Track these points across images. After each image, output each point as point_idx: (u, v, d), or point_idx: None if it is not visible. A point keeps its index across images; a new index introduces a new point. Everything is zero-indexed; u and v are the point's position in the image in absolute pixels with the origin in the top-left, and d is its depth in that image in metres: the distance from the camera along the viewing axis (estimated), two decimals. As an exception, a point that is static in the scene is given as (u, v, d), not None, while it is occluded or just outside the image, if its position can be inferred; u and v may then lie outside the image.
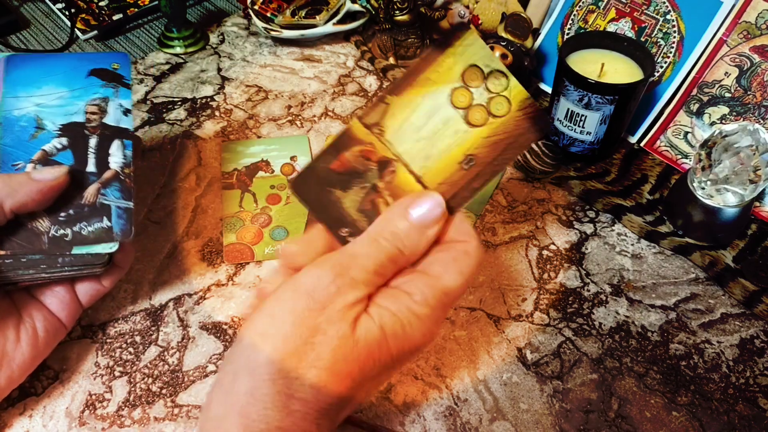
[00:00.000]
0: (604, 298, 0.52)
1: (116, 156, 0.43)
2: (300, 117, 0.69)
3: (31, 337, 0.42)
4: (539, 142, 0.61)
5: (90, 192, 0.41)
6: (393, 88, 0.33)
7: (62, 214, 0.40)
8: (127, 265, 0.47)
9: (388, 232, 0.32)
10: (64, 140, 0.43)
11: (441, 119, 0.33)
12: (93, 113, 0.44)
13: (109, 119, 0.44)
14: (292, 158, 0.64)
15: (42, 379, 0.46)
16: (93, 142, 0.43)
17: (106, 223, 0.41)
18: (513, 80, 0.33)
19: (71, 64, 0.46)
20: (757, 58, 0.57)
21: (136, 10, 0.83)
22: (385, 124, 0.33)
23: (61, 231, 0.40)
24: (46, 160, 0.42)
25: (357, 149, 0.33)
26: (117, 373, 0.47)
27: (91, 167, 0.42)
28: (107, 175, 0.42)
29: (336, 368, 0.30)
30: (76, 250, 0.40)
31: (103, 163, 0.43)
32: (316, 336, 0.30)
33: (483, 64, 0.33)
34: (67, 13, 0.81)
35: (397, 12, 0.71)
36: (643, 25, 0.63)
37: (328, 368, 0.30)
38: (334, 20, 0.77)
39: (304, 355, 0.30)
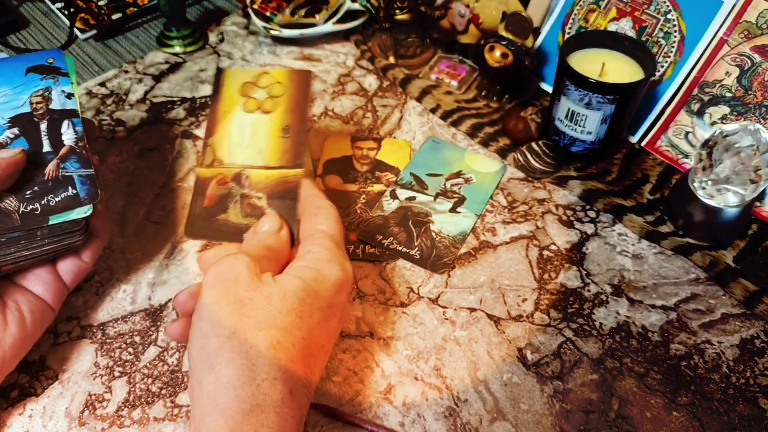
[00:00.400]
0: (604, 299, 0.52)
1: (68, 134, 0.45)
2: (300, 116, 0.69)
3: (18, 320, 0.42)
4: (540, 142, 0.61)
5: (50, 168, 0.44)
6: (207, 134, 0.46)
7: (27, 192, 0.43)
8: (105, 236, 0.48)
9: (254, 242, 0.42)
10: (15, 130, 0.45)
11: (249, 125, 0.46)
12: (38, 103, 0.47)
13: (55, 105, 0.47)
14: None
15: (42, 380, 0.46)
16: (43, 126, 0.45)
17: (71, 191, 0.43)
18: (272, 70, 0.47)
19: (8, 66, 0.49)
20: (757, 57, 0.57)
21: (136, 9, 0.83)
22: (218, 156, 0.46)
23: (30, 206, 0.42)
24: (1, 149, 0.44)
25: (213, 183, 0.45)
26: (117, 374, 0.47)
27: (46, 148, 0.45)
28: (63, 150, 0.45)
29: (278, 323, 0.35)
30: (53, 220, 0.42)
31: (57, 141, 0.45)
32: (245, 307, 0.35)
33: (248, 78, 0.47)
34: (66, 12, 0.80)
35: (397, 11, 0.70)
36: (644, 24, 0.63)
37: (272, 326, 0.35)
38: (334, 19, 0.77)
39: (245, 326, 0.35)
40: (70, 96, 0.47)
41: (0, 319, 0.41)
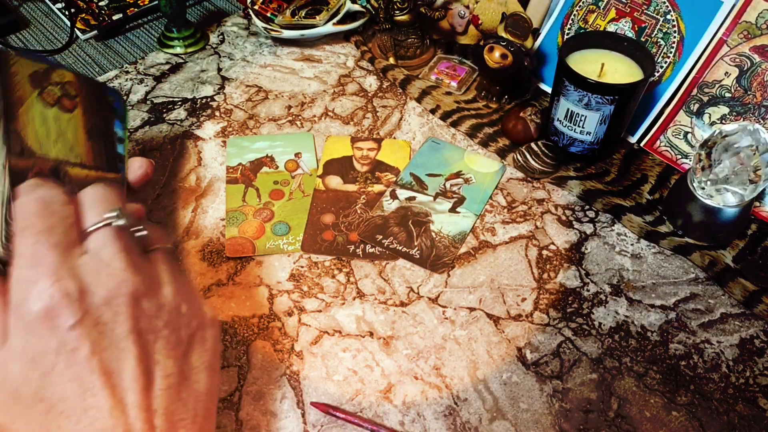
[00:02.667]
0: (603, 298, 0.52)
1: None
2: (300, 117, 0.69)
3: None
4: (539, 143, 0.61)
5: None
6: (9, 118, 0.38)
7: None
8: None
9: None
10: None
11: (52, 120, 0.39)
12: None
13: None
14: (296, 155, 0.64)
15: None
16: None
17: None
18: (61, 70, 0.40)
19: None
20: (757, 58, 0.57)
21: (136, 10, 0.83)
22: (28, 145, 0.38)
23: None
24: None
25: (32, 179, 0.35)
26: (117, 373, 0.47)
27: None
28: None
29: None
30: None
31: None
32: None
33: (36, 68, 0.40)
34: (66, 13, 0.81)
35: (397, 12, 0.71)
36: (643, 25, 0.63)
37: None
38: (334, 20, 0.77)
39: None
40: (120, 141, 0.46)
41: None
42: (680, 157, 0.62)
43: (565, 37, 0.69)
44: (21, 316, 0.28)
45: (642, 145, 0.64)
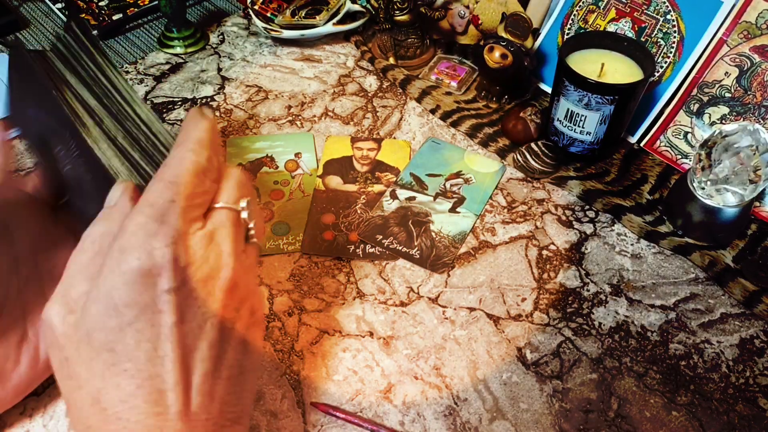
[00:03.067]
0: (603, 298, 0.52)
1: None
2: (300, 117, 0.69)
3: (32, 359, 0.40)
4: (539, 143, 0.61)
5: None
6: None
7: None
8: None
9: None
10: None
11: None
12: None
13: None
14: (296, 155, 0.64)
15: (42, 379, 0.46)
16: None
17: None
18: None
19: None
20: (757, 58, 0.57)
21: (136, 10, 0.83)
22: None
23: None
24: None
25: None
26: (117, 373, 0.47)
27: None
28: None
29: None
30: None
31: None
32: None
33: None
34: (66, 13, 0.81)
35: (397, 12, 0.71)
36: (643, 25, 0.63)
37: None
38: (334, 20, 0.77)
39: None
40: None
41: (14, 355, 0.39)
42: (680, 157, 0.62)
43: (565, 37, 0.69)
44: (122, 261, 0.28)
45: (642, 145, 0.64)
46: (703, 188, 0.53)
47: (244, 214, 0.32)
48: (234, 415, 0.30)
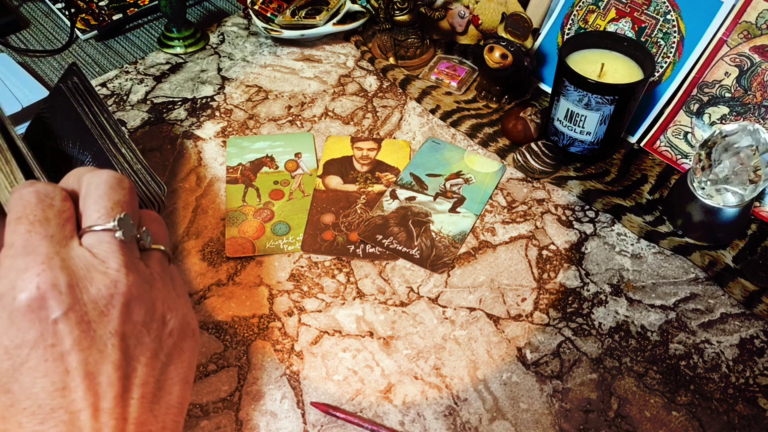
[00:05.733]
0: (603, 298, 0.52)
1: None
2: (300, 117, 0.69)
3: None
4: (539, 143, 0.61)
5: None
6: None
7: None
8: None
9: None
10: None
11: None
12: None
13: None
14: (296, 155, 0.64)
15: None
16: None
17: None
18: None
19: None
20: (757, 58, 0.57)
21: (136, 10, 0.83)
22: None
23: None
24: None
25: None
26: (117, 373, 0.47)
27: None
28: None
29: None
30: None
31: None
32: None
33: None
34: (66, 13, 0.81)
35: (397, 12, 0.71)
36: (643, 25, 0.63)
37: None
38: (334, 20, 0.77)
39: None
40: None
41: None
42: (680, 157, 0.62)
43: (565, 37, 0.69)
44: (5, 305, 0.26)
45: (642, 145, 0.64)
46: (703, 188, 0.53)
47: (118, 234, 0.29)
48: None
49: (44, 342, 0.26)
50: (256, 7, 0.78)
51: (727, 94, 0.59)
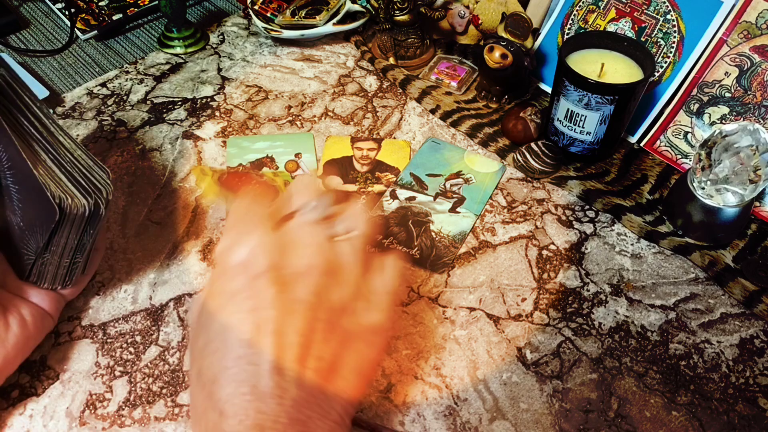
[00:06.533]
0: (603, 298, 0.52)
1: None
2: (300, 117, 0.69)
3: (20, 321, 0.43)
4: (539, 143, 0.61)
5: None
6: None
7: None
8: (103, 247, 0.49)
9: None
10: None
11: None
12: None
13: None
14: (296, 155, 0.64)
15: (42, 379, 0.46)
16: None
17: None
18: None
19: None
20: (757, 57, 0.57)
21: (136, 10, 0.83)
22: None
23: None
24: None
25: None
26: (117, 373, 0.47)
27: None
28: None
29: None
30: None
31: None
32: None
33: None
34: (66, 13, 0.81)
35: (397, 12, 0.71)
36: (643, 25, 0.63)
37: None
38: (334, 20, 0.77)
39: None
40: None
41: (2, 321, 0.42)
42: (680, 157, 0.62)
43: (565, 37, 0.69)
44: (223, 258, 0.32)
45: (642, 145, 0.64)
46: (703, 188, 0.53)
47: (311, 215, 0.34)
48: (315, 416, 0.30)
49: (245, 292, 0.31)
50: (256, 7, 0.78)
51: (727, 94, 0.59)
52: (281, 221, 0.34)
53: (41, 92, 0.69)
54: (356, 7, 0.78)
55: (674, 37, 0.62)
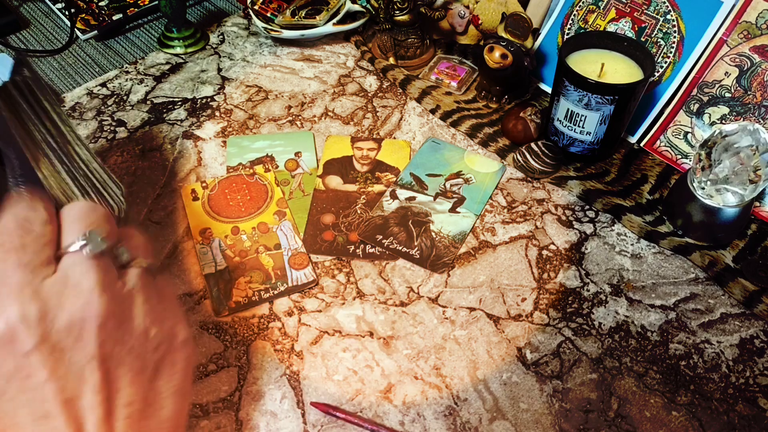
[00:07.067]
0: (603, 298, 0.52)
1: None
2: (300, 117, 0.69)
3: None
4: (539, 143, 0.61)
5: None
6: None
7: None
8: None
9: None
10: None
11: None
12: None
13: None
14: (296, 154, 0.64)
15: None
16: None
17: None
18: None
19: None
20: (757, 58, 0.57)
21: (136, 10, 0.83)
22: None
23: None
24: None
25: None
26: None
27: None
28: None
29: None
30: None
31: None
32: None
33: None
34: (67, 13, 0.81)
35: (397, 12, 0.71)
36: (643, 25, 0.63)
37: None
38: (334, 20, 0.77)
39: None
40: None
41: None
42: (680, 157, 0.62)
43: (565, 37, 0.69)
44: None
45: (642, 145, 0.64)
46: (703, 188, 0.53)
47: (86, 250, 0.29)
48: None
49: (19, 374, 0.27)
50: (256, 7, 0.78)
51: (727, 94, 0.59)
52: (48, 260, 0.29)
53: (41, 92, 0.69)
54: (356, 7, 0.78)
55: (674, 37, 0.62)
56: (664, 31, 0.62)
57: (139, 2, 0.84)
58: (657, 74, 0.63)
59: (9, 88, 0.39)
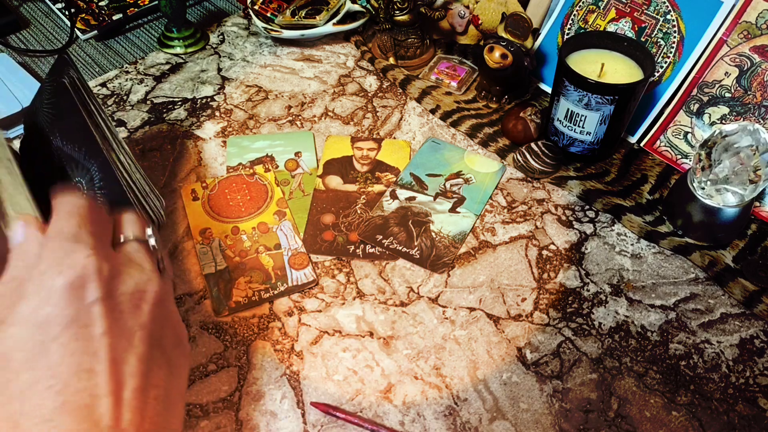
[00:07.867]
0: (603, 298, 0.52)
1: None
2: (300, 117, 0.69)
3: None
4: (539, 143, 0.61)
5: None
6: None
7: None
8: None
9: None
10: None
11: None
12: None
13: None
14: (296, 154, 0.64)
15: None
16: None
17: None
18: None
19: None
20: (757, 58, 0.57)
21: (136, 10, 0.83)
22: None
23: None
24: None
25: None
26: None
27: None
28: None
29: None
30: None
31: None
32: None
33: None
34: (66, 13, 0.81)
35: (397, 12, 0.71)
36: (643, 25, 0.63)
37: None
38: (334, 20, 0.77)
39: None
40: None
41: None
42: (680, 157, 0.62)
43: (565, 37, 0.69)
44: (44, 281, 0.27)
45: (642, 145, 0.64)
46: (703, 188, 0.53)
47: (152, 241, 0.33)
48: None
49: (80, 321, 0.27)
50: (256, 7, 0.78)
51: (727, 94, 0.59)
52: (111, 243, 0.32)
53: (41, 92, 0.69)
54: (356, 7, 0.78)
55: (674, 37, 0.62)
56: (664, 31, 0.62)
57: (139, 2, 0.84)
58: (657, 74, 0.63)
59: (65, 85, 0.38)
